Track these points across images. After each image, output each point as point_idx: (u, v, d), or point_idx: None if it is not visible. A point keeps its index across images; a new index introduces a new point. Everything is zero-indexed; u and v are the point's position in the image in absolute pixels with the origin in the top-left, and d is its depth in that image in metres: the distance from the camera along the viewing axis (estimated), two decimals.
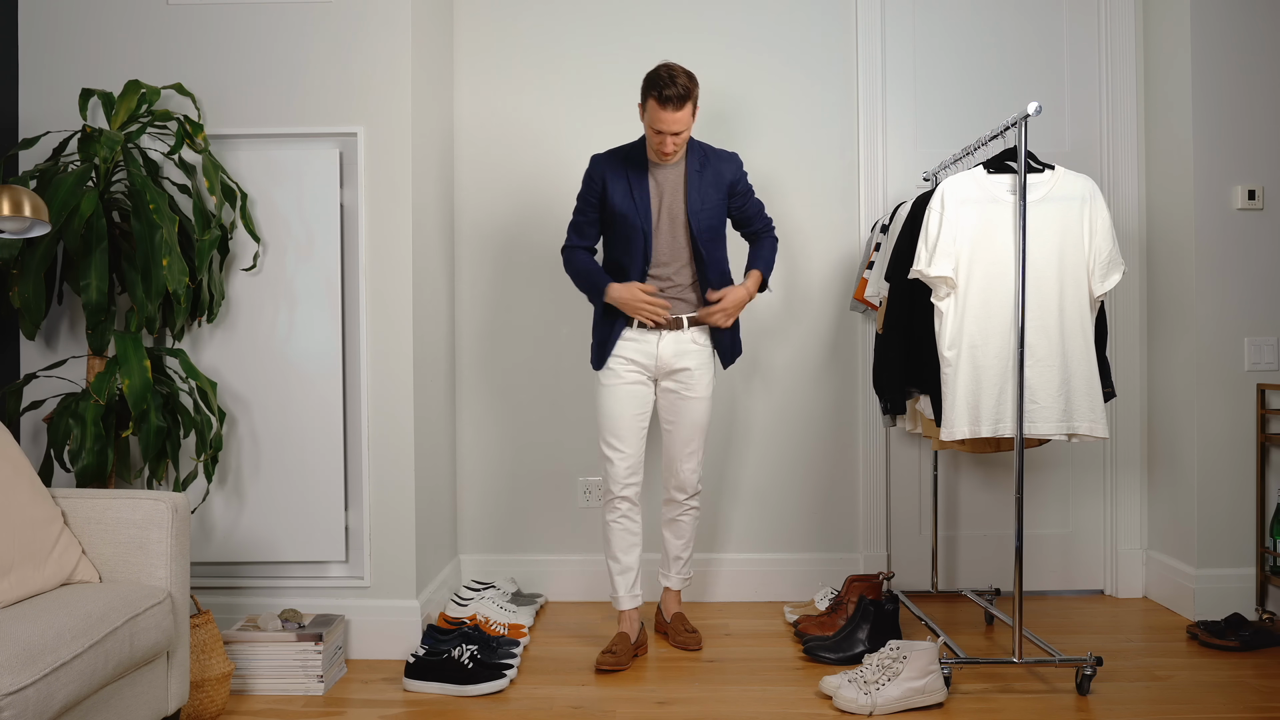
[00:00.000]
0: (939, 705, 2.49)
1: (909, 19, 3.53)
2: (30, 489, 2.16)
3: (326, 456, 2.88)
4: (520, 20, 3.54)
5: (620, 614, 2.96)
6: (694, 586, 3.46)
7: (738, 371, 3.52)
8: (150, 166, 2.75)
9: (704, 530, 3.47)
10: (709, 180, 2.85)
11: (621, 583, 2.95)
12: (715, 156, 2.89)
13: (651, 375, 2.91)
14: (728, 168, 2.89)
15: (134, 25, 2.90)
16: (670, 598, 3.11)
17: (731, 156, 2.92)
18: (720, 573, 3.51)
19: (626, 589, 2.95)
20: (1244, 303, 3.20)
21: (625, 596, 2.95)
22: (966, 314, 2.62)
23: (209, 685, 2.44)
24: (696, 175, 2.83)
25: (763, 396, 3.54)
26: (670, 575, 3.08)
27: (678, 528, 3.03)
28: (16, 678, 1.67)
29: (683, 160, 2.85)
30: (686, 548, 3.06)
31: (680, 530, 3.03)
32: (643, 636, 2.98)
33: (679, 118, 2.69)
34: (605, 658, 2.81)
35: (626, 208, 2.82)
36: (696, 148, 2.87)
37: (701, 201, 2.83)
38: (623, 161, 2.85)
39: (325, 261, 2.88)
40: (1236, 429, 3.20)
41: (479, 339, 3.55)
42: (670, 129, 2.70)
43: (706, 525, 3.48)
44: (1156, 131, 3.43)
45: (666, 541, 3.06)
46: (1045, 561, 3.54)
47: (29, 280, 2.55)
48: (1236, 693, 2.59)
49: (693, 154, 2.85)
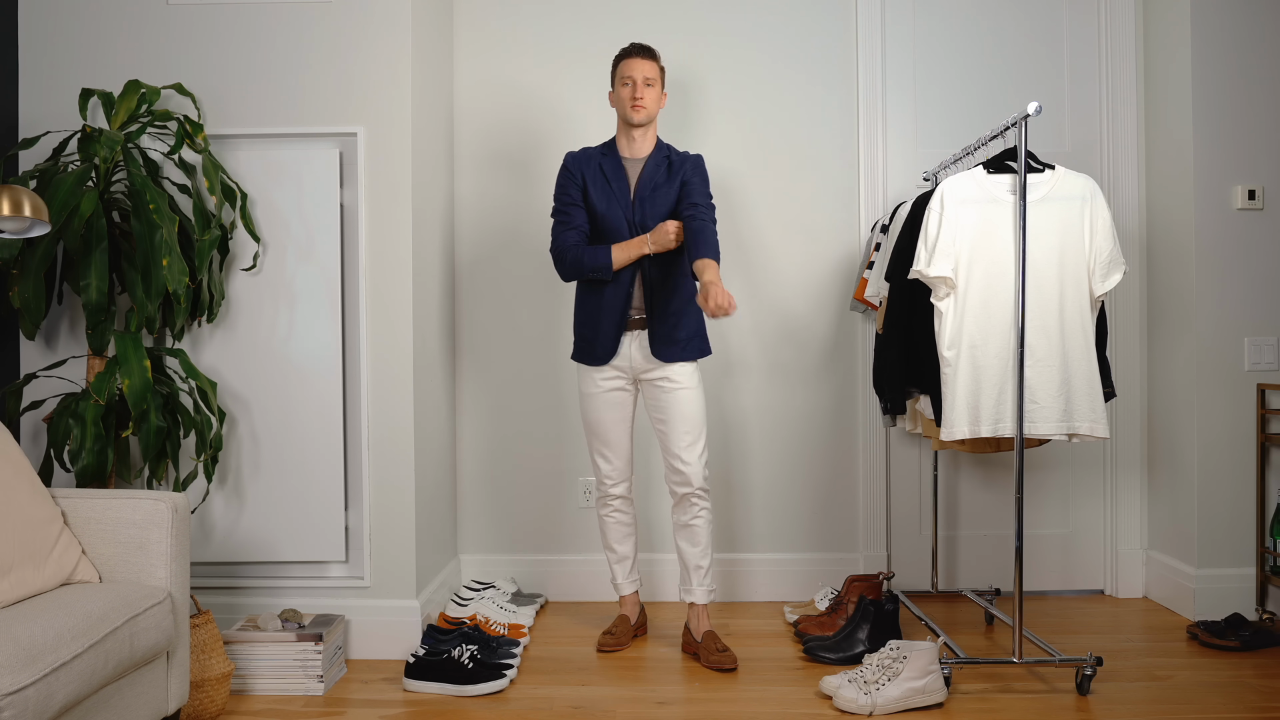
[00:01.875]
0: (939, 705, 2.49)
1: (909, 19, 3.53)
2: (30, 489, 2.16)
3: (326, 456, 2.88)
4: (520, 21, 3.54)
5: (621, 599, 3.10)
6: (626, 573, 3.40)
7: (738, 371, 3.52)
8: (150, 166, 2.75)
9: None
10: (666, 174, 2.88)
11: (620, 570, 3.08)
12: (679, 156, 2.93)
13: (630, 378, 2.91)
14: (687, 164, 2.90)
15: (134, 25, 2.90)
16: (698, 614, 2.92)
17: (695, 156, 2.93)
18: (720, 573, 3.50)
19: (624, 575, 3.08)
20: (1244, 303, 3.20)
21: (625, 582, 3.08)
22: (966, 314, 2.62)
23: (209, 685, 2.44)
24: (654, 169, 2.88)
25: (762, 396, 3.54)
26: (693, 589, 2.91)
27: (692, 534, 2.90)
28: (16, 678, 1.67)
29: (648, 157, 2.90)
30: (705, 555, 2.91)
31: (695, 536, 2.90)
32: (642, 618, 3.12)
33: (646, 65, 2.83)
34: (605, 638, 2.97)
35: (604, 202, 2.86)
36: (663, 147, 2.93)
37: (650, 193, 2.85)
38: (596, 156, 2.92)
39: (325, 261, 2.88)
40: (1236, 429, 3.20)
41: (479, 339, 3.55)
42: (639, 74, 2.82)
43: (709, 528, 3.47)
44: (1156, 131, 3.43)
45: (683, 552, 2.92)
46: (1045, 561, 3.54)
47: (29, 280, 2.55)
48: (1236, 693, 2.59)
49: (658, 150, 2.92)
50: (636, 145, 2.89)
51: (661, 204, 2.85)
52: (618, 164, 2.89)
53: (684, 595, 2.95)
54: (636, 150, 2.90)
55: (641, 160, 2.90)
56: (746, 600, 3.51)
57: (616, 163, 2.89)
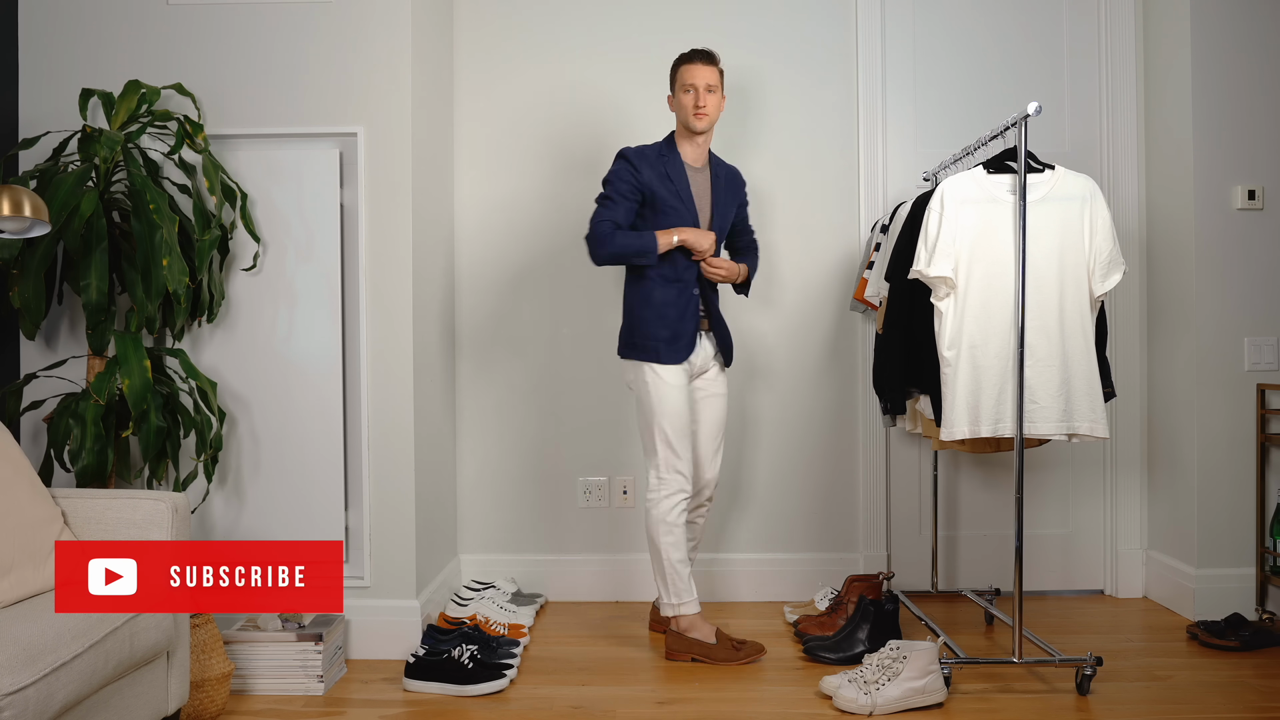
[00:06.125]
0: (939, 705, 2.49)
1: (909, 19, 3.53)
2: (30, 489, 2.16)
3: (326, 456, 2.88)
4: (520, 20, 3.53)
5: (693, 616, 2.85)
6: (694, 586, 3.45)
7: (738, 371, 3.52)
8: (150, 166, 2.75)
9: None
10: (727, 188, 2.96)
11: (689, 582, 2.85)
12: (728, 169, 3.02)
13: (690, 378, 2.92)
14: (738, 181, 3.04)
15: (134, 25, 2.90)
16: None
17: (739, 172, 3.06)
18: (720, 572, 3.51)
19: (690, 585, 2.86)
20: (1244, 303, 3.20)
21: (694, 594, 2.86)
22: (966, 314, 2.62)
23: (209, 685, 2.44)
24: (719, 181, 2.94)
25: (763, 396, 3.54)
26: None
27: (692, 528, 3.01)
28: (16, 678, 1.67)
29: (708, 166, 2.94)
30: (694, 549, 3.04)
31: (693, 531, 3.02)
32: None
33: (708, 71, 2.82)
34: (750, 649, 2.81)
35: (676, 202, 2.84)
36: (712, 157, 2.98)
37: (724, 206, 2.94)
38: (658, 159, 2.86)
39: (325, 261, 2.88)
40: (1236, 429, 3.20)
41: (479, 339, 3.55)
42: (701, 80, 2.80)
43: (706, 525, 3.47)
44: (1156, 131, 3.43)
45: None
46: (1045, 561, 3.54)
47: (29, 280, 2.55)
48: (1236, 693, 2.59)
49: (716, 161, 2.98)
50: (700, 151, 2.91)
51: (725, 220, 2.95)
52: (680, 169, 2.86)
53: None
54: (699, 157, 2.91)
55: (702, 169, 2.92)
56: (746, 600, 3.50)
57: (680, 168, 2.86)
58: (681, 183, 2.85)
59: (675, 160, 2.86)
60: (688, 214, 2.84)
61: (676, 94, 2.86)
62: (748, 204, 3.09)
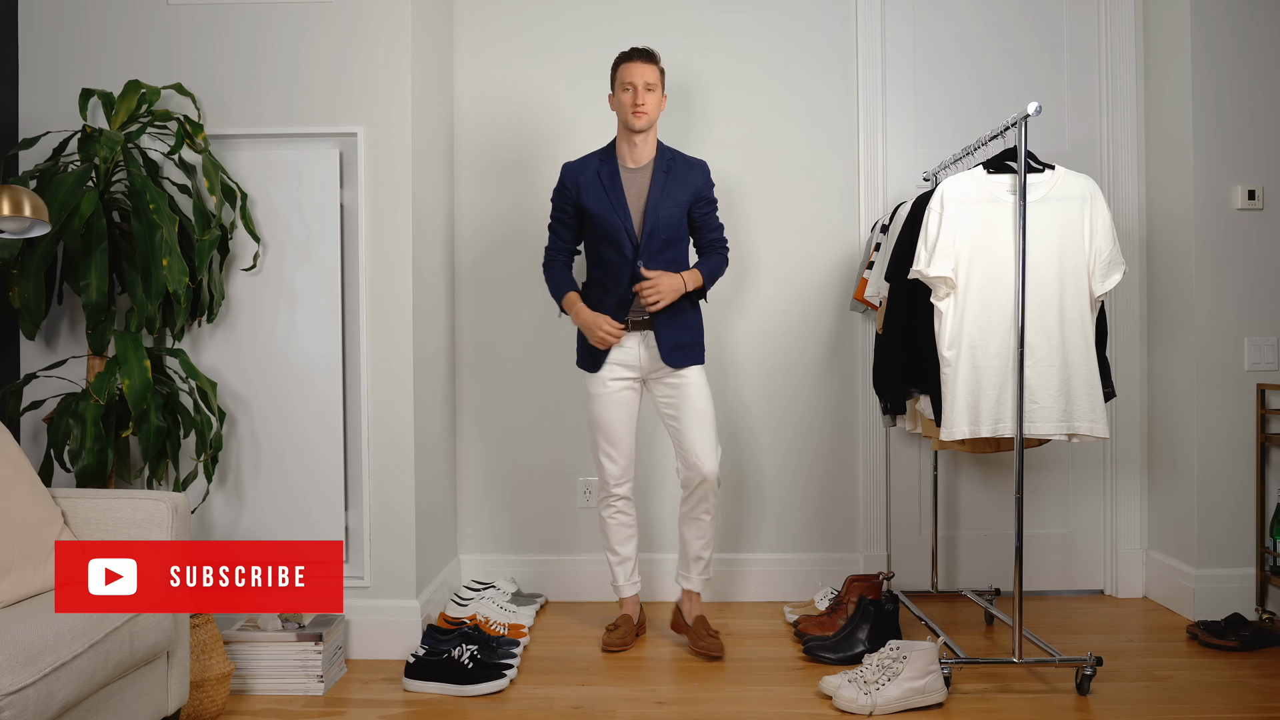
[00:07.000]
0: (939, 705, 2.49)
1: (909, 19, 3.53)
2: (30, 489, 2.16)
3: (326, 457, 2.88)
4: (520, 20, 3.53)
5: (621, 600, 3.11)
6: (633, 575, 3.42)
7: (738, 371, 3.52)
8: (150, 166, 2.75)
9: None
10: (675, 183, 2.89)
11: (621, 572, 3.08)
12: (683, 162, 2.95)
13: (639, 376, 2.95)
14: (695, 174, 2.94)
15: (134, 25, 2.90)
16: (690, 600, 3.03)
17: (700, 164, 2.97)
18: (720, 572, 3.50)
19: (626, 577, 3.09)
20: (1244, 303, 3.20)
21: (626, 584, 3.09)
22: (966, 314, 2.62)
23: (209, 685, 2.44)
24: (662, 176, 2.89)
25: (762, 396, 3.54)
26: (690, 576, 3.01)
27: (699, 526, 2.96)
28: (16, 678, 1.67)
29: (651, 163, 2.90)
30: (707, 547, 2.99)
31: (701, 529, 2.96)
32: (642, 618, 3.13)
33: (647, 69, 2.82)
34: (610, 638, 2.97)
35: (603, 209, 2.87)
36: (665, 151, 2.93)
37: (661, 202, 2.86)
38: (595, 164, 2.91)
39: (325, 261, 2.88)
40: (1236, 429, 3.20)
41: (479, 339, 3.55)
42: (640, 79, 2.80)
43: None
44: (1156, 131, 3.43)
45: (686, 541, 3.00)
46: (1045, 561, 3.54)
47: (29, 280, 2.55)
48: (1236, 693, 2.59)
49: (661, 155, 2.91)
50: (638, 151, 2.89)
51: (666, 217, 2.87)
52: (615, 172, 2.88)
53: (680, 580, 3.07)
54: (638, 157, 2.90)
55: (642, 168, 2.90)
56: (746, 600, 3.50)
57: (614, 171, 2.89)
58: (614, 186, 2.86)
59: (611, 164, 2.90)
60: (616, 219, 2.85)
61: (616, 93, 2.88)
62: (712, 200, 2.98)
